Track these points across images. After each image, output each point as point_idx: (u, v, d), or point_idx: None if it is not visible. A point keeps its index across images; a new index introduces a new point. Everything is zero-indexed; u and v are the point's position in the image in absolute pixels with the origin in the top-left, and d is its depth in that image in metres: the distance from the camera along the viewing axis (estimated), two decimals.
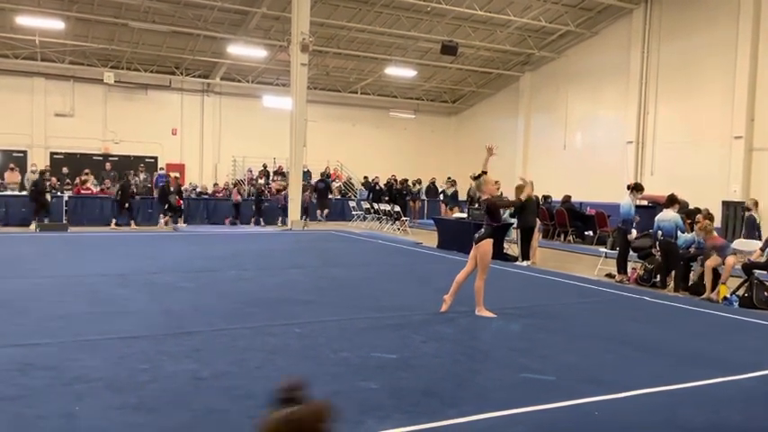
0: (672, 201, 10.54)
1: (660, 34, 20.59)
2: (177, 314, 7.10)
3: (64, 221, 17.86)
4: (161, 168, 23.20)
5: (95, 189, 20.20)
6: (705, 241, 9.87)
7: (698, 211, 11.78)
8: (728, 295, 9.26)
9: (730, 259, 9.42)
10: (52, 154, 23.77)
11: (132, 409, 4.21)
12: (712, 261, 9.53)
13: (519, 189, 13.33)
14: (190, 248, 13.77)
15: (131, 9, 20.56)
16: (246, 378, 4.89)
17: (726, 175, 18.07)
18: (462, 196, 23.07)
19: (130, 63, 24.04)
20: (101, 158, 23.97)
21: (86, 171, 20.91)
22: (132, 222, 18.40)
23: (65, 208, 18.51)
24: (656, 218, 10.62)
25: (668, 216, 10.32)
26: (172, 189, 19.18)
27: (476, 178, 7.86)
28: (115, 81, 23.44)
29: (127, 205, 18.23)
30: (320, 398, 4.81)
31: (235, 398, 4.46)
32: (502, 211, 13.68)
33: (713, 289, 9.43)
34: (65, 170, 21.68)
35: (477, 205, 11.60)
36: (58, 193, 19.10)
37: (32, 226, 17.02)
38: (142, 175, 21.38)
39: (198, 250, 13.44)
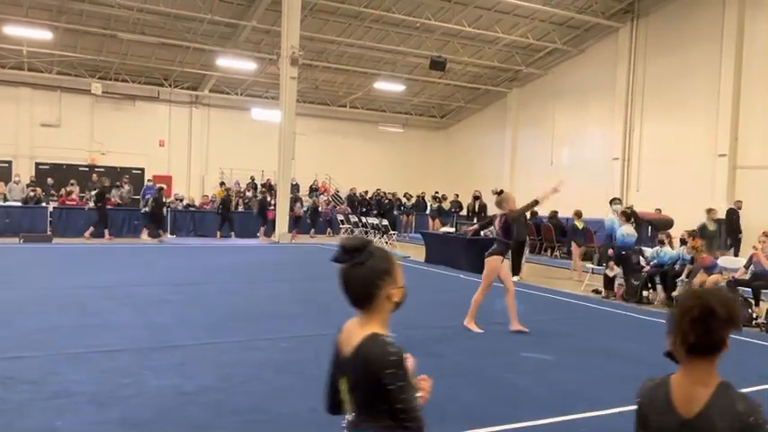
0: (628, 216, 11.17)
1: (646, 53, 20.90)
2: (162, 327, 7.03)
3: (48, 233, 17.66)
4: (149, 180, 23.06)
5: (81, 200, 20.01)
6: (695, 260, 9.99)
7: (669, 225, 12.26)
8: None
9: (713, 277, 9.52)
10: (38, 164, 23.56)
11: (115, 424, 4.15)
12: (700, 278, 9.62)
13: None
14: (176, 261, 13.66)
15: (120, 20, 20.53)
16: (231, 393, 4.84)
17: (710, 193, 18.27)
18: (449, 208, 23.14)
19: (119, 74, 23.96)
20: (87, 169, 23.77)
21: (72, 182, 20.72)
22: (107, 233, 17.86)
23: (49, 219, 18.31)
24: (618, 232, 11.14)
25: (627, 231, 10.90)
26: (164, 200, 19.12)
27: (498, 194, 7.84)
28: (103, 92, 23.33)
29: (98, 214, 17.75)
30: (306, 414, 4.75)
31: (220, 413, 4.41)
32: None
33: None
34: (50, 181, 21.47)
35: (486, 220, 11.65)
36: (43, 204, 18.90)
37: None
38: (127, 187, 21.19)
39: (184, 263, 13.34)
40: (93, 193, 18.65)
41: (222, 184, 21.94)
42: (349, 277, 1.97)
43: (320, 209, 23.33)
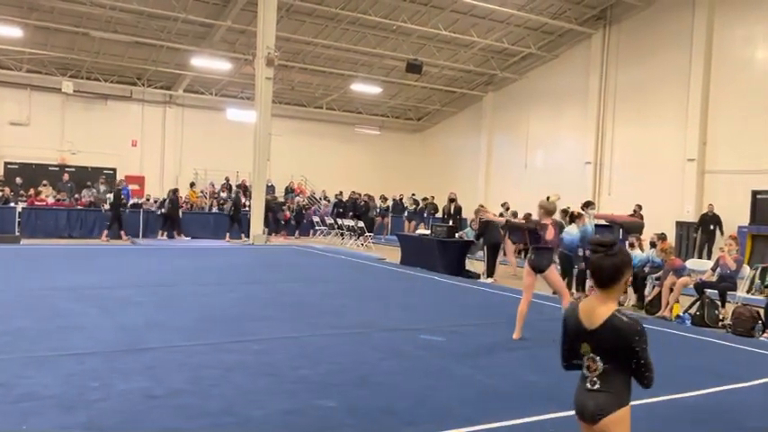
0: (572, 217, 11.41)
1: (618, 59, 21.24)
2: (131, 330, 6.93)
3: (16, 233, 17.31)
4: (121, 180, 22.72)
5: (51, 200, 19.66)
6: (665, 263, 10.16)
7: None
8: (681, 313, 9.52)
9: (682, 279, 9.70)
10: (6, 164, 23.06)
11: (82, 428, 4.08)
12: (670, 281, 9.80)
13: (477, 212, 13.66)
14: (148, 263, 13.49)
15: (93, 18, 20.22)
16: (201, 396, 4.80)
17: (679, 196, 18.64)
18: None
19: (90, 72, 23.59)
20: (57, 169, 23.33)
21: (45, 183, 20.36)
22: (123, 233, 18.39)
23: (17, 219, 17.95)
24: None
25: (571, 231, 11.06)
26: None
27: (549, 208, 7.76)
28: (74, 91, 22.94)
29: None
30: (277, 417, 4.74)
31: (189, 417, 4.37)
32: (475, 227, 13.84)
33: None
34: (19, 180, 21.03)
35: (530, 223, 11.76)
36: (11, 204, 18.53)
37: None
38: (102, 187, 20.86)
39: (156, 264, 13.17)
40: (110, 195, 18.95)
41: (192, 184, 21.71)
42: (602, 265, 2.56)
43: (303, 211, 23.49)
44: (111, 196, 18.76)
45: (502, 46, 23.07)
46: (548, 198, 7.92)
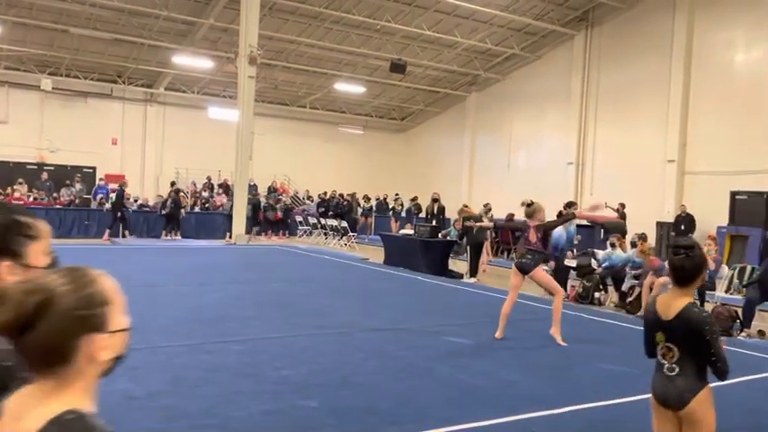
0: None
1: (600, 61, 21.42)
2: None
3: None
4: (100, 179, 22.45)
5: (28, 199, 19.36)
6: (644, 263, 10.26)
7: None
8: None
9: (661, 279, 9.79)
10: None
11: None
12: (649, 280, 9.90)
13: (460, 213, 13.75)
14: (128, 262, 13.33)
15: (72, 15, 19.95)
16: (182, 397, 4.75)
17: (660, 197, 18.84)
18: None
19: (70, 70, 23.27)
20: (35, 167, 22.97)
21: (20, 181, 20.04)
22: (126, 233, 18.51)
23: None
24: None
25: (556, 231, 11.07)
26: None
27: (528, 205, 7.79)
28: (53, 88, 22.60)
29: None
30: (259, 417, 4.69)
31: (170, 418, 4.32)
32: (461, 228, 13.92)
33: None
34: None
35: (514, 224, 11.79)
36: None
37: None
38: (78, 186, 20.59)
39: (136, 264, 13.02)
40: (113, 195, 18.92)
41: (173, 183, 21.44)
42: (684, 266, 2.85)
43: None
44: (113, 196, 18.90)
45: (485, 46, 23.16)
46: (530, 203, 7.97)
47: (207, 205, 22.50)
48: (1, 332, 1.14)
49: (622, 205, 17.29)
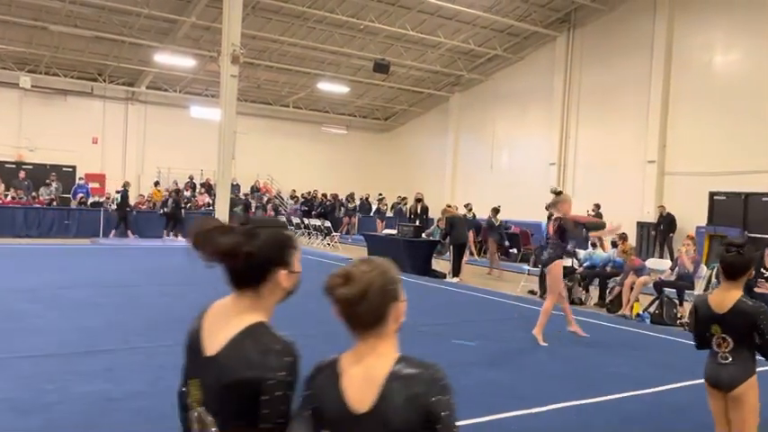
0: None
1: (581, 62, 21.60)
2: (90, 331, 6.77)
3: None
4: (80, 178, 22.18)
5: (6, 198, 19.08)
6: (625, 262, 10.37)
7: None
8: (641, 312, 9.73)
9: (642, 278, 9.92)
10: None
11: (37, 431, 3.97)
12: (630, 280, 10.01)
13: (444, 212, 13.84)
14: (108, 263, 13.19)
15: (52, 12, 19.68)
16: (161, 398, 4.70)
17: (640, 197, 19.05)
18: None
19: (49, 67, 22.97)
20: (14, 166, 22.64)
21: None
22: (130, 232, 18.58)
23: None
24: None
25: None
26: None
27: (557, 194, 7.58)
28: (32, 86, 22.29)
29: None
30: None
31: (148, 419, 4.28)
32: (445, 228, 13.96)
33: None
34: None
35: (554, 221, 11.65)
36: None
37: None
38: (54, 185, 20.31)
39: (117, 264, 12.89)
40: (118, 195, 19.11)
41: (157, 183, 21.42)
42: (734, 262, 3.16)
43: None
44: (118, 197, 18.98)
45: (468, 47, 23.25)
46: (558, 192, 7.85)
47: (189, 205, 22.32)
48: (340, 296, 1.68)
49: (597, 206, 17.50)
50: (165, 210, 19.43)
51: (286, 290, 1.74)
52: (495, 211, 16.05)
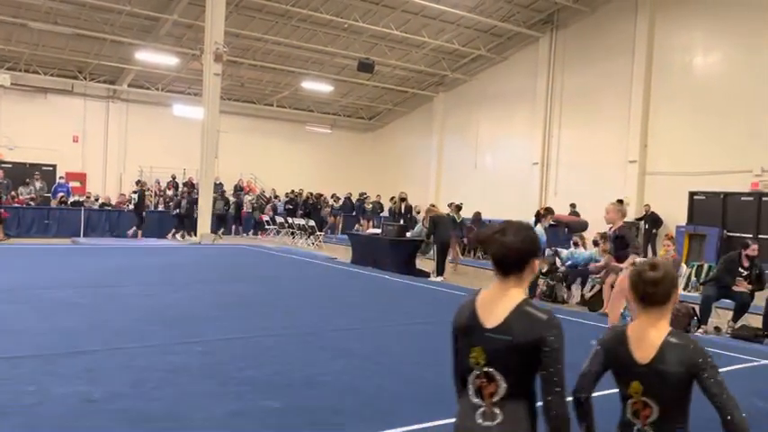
0: (538, 216, 11.33)
1: (564, 62, 21.77)
2: (70, 332, 6.68)
3: None
4: (60, 177, 21.91)
5: None
6: (607, 262, 10.45)
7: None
8: (622, 310, 9.80)
9: (623, 276, 9.98)
10: None
11: None
12: (611, 279, 10.07)
13: (428, 211, 13.93)
14: (89, 262, 13.04)
15: (32, 9, 19.42)
16: (143, 399, 4.66)
17: (621, 197, 19.19)
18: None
19: (29, 65, 22.66)
20: None
21: None
22: (139, 233, 18.34)
23: None
24: None
25: (537, 231, 11.18)
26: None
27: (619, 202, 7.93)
28: (11, 83, 21.95)
29: None
30: (221, 419, 4.62)
31: (129, 421, 4.24)
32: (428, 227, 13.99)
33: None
34: None
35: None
36: None
37: None
38: (38, 184, 20.05)
39: (97, 264, 12.75)
40: (135, 195, 18.77)
41: (138, 182, 21.21)
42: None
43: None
44: (135, 197, 18.71)
45: (452, 47, 23.31)
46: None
47: (171, 203, 22.13)
48: (648, 278, 2.28)
49: (573, 205, 17.72)
50: (179, 211, 19.15)
51: (535, 273, 2.19)
52: (458, 208, 16.39)
